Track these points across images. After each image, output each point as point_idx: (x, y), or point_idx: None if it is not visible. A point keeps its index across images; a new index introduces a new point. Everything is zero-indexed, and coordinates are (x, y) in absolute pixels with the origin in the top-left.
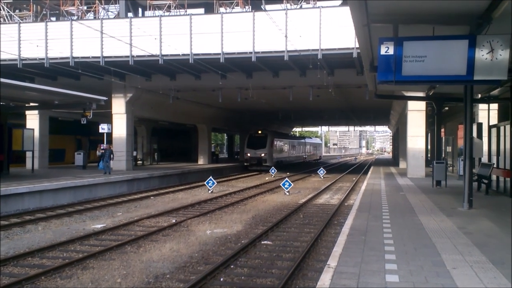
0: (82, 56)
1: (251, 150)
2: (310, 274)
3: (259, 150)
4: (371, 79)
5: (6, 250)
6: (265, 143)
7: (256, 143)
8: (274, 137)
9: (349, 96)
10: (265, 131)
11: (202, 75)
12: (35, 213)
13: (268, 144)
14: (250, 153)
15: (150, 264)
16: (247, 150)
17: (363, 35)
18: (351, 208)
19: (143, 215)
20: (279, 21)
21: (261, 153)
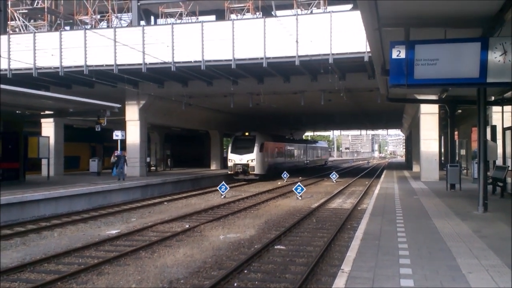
0: (96, 64)
1: (236, 156)
2: (324, 279)
3: (246, 155)
4: (383, 83)
5: (23, 256)
6: (253, 147)
7: (242, 147)
8: (264, 140)
9: (361, 100)
10: (253, 132)
11: (213, 81)
12: (51, 220)
13: (256, 148)
14: (234, 159)
15: (164, 270)
16: (231, 156)
17: (374, 39)
18: (364, 212)
19: (157, 220)
20: (289, 26)
21: (248, 159)
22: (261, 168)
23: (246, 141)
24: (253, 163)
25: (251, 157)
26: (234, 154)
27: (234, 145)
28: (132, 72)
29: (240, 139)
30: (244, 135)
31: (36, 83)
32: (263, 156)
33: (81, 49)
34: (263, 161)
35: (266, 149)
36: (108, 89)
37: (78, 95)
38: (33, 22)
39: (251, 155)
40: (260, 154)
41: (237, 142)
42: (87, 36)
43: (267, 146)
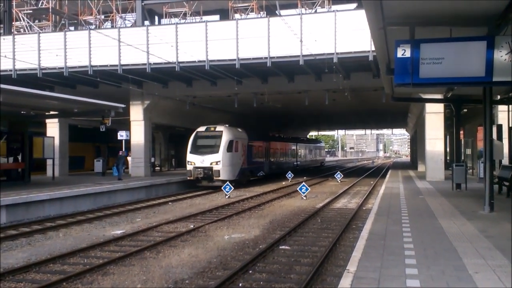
0: (100, 64)
1: (196, 157)
2: (329, 279)
3: (209, 156)
4: (387, 82)
5: (28, 256)
6: (219, 146)
7: (205, 146)
8: (236, 137)
9: (365, 99)
10: (220, 126)
11: (218, 81)
12: (56, 220)
13: (223, 146)
14: (194, 161)
15: (169, 270)
16: (190, 157)
17: (379, 38)
18: (369, 212)
19: (162, 220)
20: (294, 26)
21: (211, 161)
22: (230, 172)
23: (210, 139)
24: (218, 166)
25: (216, 159)
26: (194, 155)
27: (194, 143)
28: (136, 72)
29: (202, 136)
30: (208, 130)
31: (41, 84)
32: (232, 157)
33: (86, 49)
34: (233, 163)
35: (237, 149)
36: (112, 89)
37: (82, 95)
38: (37, 22)
39: (215, 156)
40: (228, 154)
41: (199, 140)
42: (92, 36)
43: (239, 144)
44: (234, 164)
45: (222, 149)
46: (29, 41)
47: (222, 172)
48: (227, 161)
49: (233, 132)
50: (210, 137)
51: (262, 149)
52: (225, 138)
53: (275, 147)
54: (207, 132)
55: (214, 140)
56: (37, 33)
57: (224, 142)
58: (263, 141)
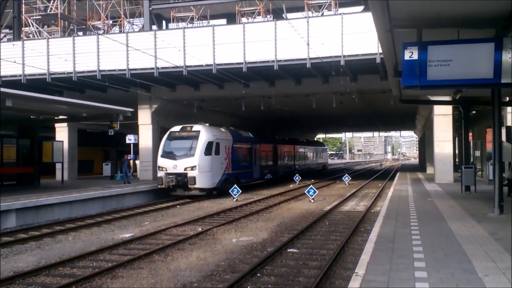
0: (108, 69)
1: (168, 162)
2: (337, 282)
3: (183, 160)
4: (395, 84)
5: (38, 260)
6: (195, 148)
7: (178, 149)
8: (217, 138)
9: (373, 101)
10: (197, 126)
11: (225, 84)
12: (65, 223)
13: (200, 149)
14: (166, 166)
15: (177, 273)
16: (161, 162)
17: (386, 41)
18: (378, 215)
19: (170, 224)
20: (300, 29)
21: (185, 166)
22: (209, 179)
23: (185, 140)
24: (193, 172)
25: (191, 163)
26: (165, 159)
27: (166, 145)
28: (144, 76)
29: (176, 137)
30: (183, 130)
31: (50, 88)
32: (212, 161)
33: (94, 54)
34: (213, 168)
35: (218, 151)
36: (120, 93)
37: (91, 100)
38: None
39: (191, 159)
40: (207, 158)
41: (172, 141)
42: (100, 41)
43: (220, 146)
44: (214, 170)
45: (198, 152)
46: (38, 47)
47: (199, 179)
48: (205, 166)
49: (213, 132)
50: (185, 138)
51: (251, 151)
52: (203, 139)
53: (267, 150)
54: (182, 132)
55: (190, 142)
56: (46, 39)
57: (201, 143)
58: (251, 142)
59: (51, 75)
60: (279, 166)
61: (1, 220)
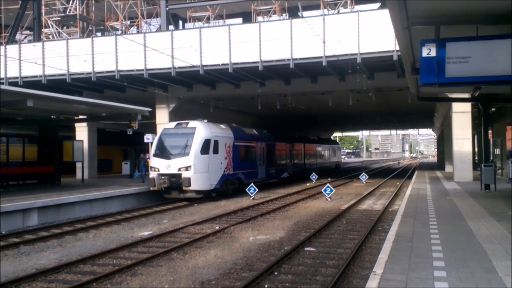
0: (126, 69)
1: (161, 161)
2: (355, 281)
3: (176, 159)
4: (413, 82)
5: (60, 257)
6: (190, 146)
7: (172, 147)
8: (214, 135)
9: (390, 99)
10: (193, 122)
11: (241, 83)
12: (86, 222)
13: (196, 147)
14: (159, 166)
15: (196, 271)
16: (154, 162)
17: (404, 38)
18: (396, 214)
19: (188, 222)
20: (316, 27)
21: (180, 166)
22: (206, 180)
23: (179, 137)
24: (188, 172)
25: (186, 163)
26: (158, 159)
27: (159, 143)
28: (161, 76)
29: (169, 134)
30: (178, 127)
31: (70, 89)
32: (210, 160)
33: (112, 55)
34: (211, 168)
35: (217, 150)
36: (138, 93)
37: (110, 100)
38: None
39: (185, 159)
40: (203, 157)
41: (165, 139)
42: (118, 41)
43: (219, 144)
44: (212, 170)
45: (194, 150)
46: (58, 47)
47: (194, 180)
48: (201, 166)
49: (211, 128)
50: (179, 135)
51: (255, 150)
52: (199, 136)
53: (274, 148)
54: (176, 129)
55: (185, 139)
56: (65, 40)
57: (197, 141)
58: (256, 140)
59: (71, 76)
60: (287, 166)
61: (24, 218)
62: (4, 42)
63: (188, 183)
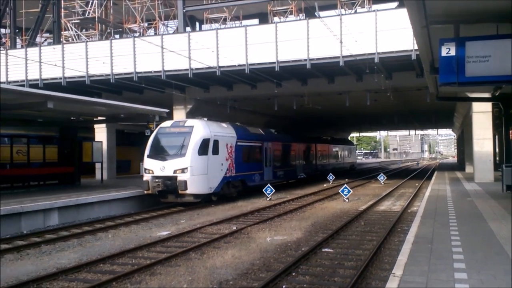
0: (144, 71)
1: (155, 163)
2: (374, 283)
3: (172, 161)
4: (432, 81)
5: (80, 257)
6: (187, 147)
7: (167, 147)
8: (214, 134)
9: (408, 99)
10: (191, 120)
11: (257, 84)
12: (105, 221)
13: (193, 148)
14: (153, 168)
15: (213, 271)
16: (148, 163)
17: (422, 37)
18: (415, 215)
19: (205, 222)
20: (333, 27)
21: (175, 168)
22: (204, 183)
23: (175, 137)
24: (184, 174)
25: (182, 165)
26: (152, 160)
27: (154, 144)
28: (178, 77)
29: (165, 133)
30: (174, 126)
31: (89, 90)
32: (209, 162)
33: (131, 57)
34: (210, 170)
35: (217, 150)
36: (156, 94)
37: (128, 101)
38: (84, 31)
39: (181, 160)
40: (201, 159)
41: (161, 139)
42: (136, 43)
43: (220, 144)
44: (212, 172)
45: (191, 151)
46: (77, 50)
47: (191, 184)
48: (198, 167)
49: (211, 127)
50: (175, 134)
51: (261, 150)
52: (197, 135)
53: (281, 149)
54: (172, 128)
55: (181, 139)
56: (84, 42)
57: (194, 141)
58: (262, 140)
59: (90, 78)
60: (297, 167)
61: (44, 218)
62: (25, 45)
63: (184, 187)
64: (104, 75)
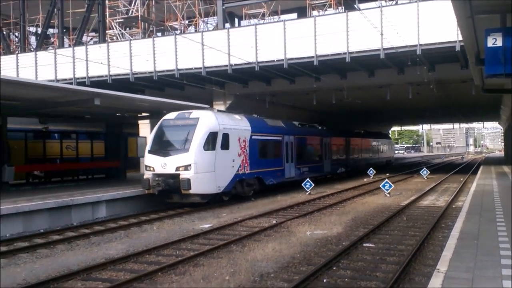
0: (185, 67)
1: (156, 159)
2: (417, 278)
3: (173, 157)
4: (477, 73)
5: (127, 248)
6: (190, 141)
7: (170, 142)
8: (223, 127)
9: (452, 92)
10: (197, 111)
11: (296, 78)
12: (149, 214)
13: (198, 141)
14: (153, 165)
15: (254, 263)
16: (148, 160)
17: (467, 28)
18: (460, 210)
19: (246, 216)
20: (373, 19)
21: (177, 165)
22: (211, 181)
23: (179, 130)
24: (188, 172)
25: (184, 161)
26: (153, 156)
27: (156, 138)
28: (218, 73)
29: (169, 126)
30: (179, 117)
31: (133, 88)
32: (216, 158)
33: (172, 54)
34: (219, 168)
35: (227, 145)
36: (197, 90)
37: (170, 98)
38: (128, 30)
39: (184, 156)
40: (207, 154)
41: (164, 132)
42: (177, 41)
43: (230, 138)
44: (220, 169)
45: (195, 145)
46: (121, 48)
47: (195, 182)
48: (204, 164)
49: (219, 119)
50: (179, 127)
51: (281, 145)
52: (203, 128)
53: (306, 143)
54: (177, 120)
55: (185, 133)
56: (128, 40)
57: (199, 134)
58: (282, 134)
59: (134, 75)
60: (324, 162)
61: (93, 210)
62: (72, 44)
63: (188, 186)
64: (147, 72)
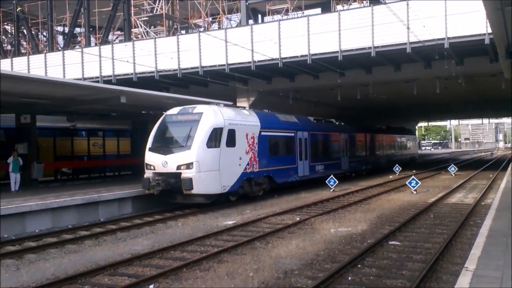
0: (209, 65)
1: (157, 157)
2: (444, 277)
3: (175, 154)
4: (507, 66)
5: (152, 244)
6: (193, 138)
7: (172, 139)
8: (229, 122)
9: (481, 86)
10: (201, 106)
11: (319, 74)
12: (174, 211)
13: (201, 138)
14: (154, 164)
15: (278, 260)
16: (149, 157)
17: (496, 20)
18: (489, 208)
19: (269, 212)
20: (399, 12)
21: (178, 163)
22: (215, 181)
23: (181, 126)
24: (190, 171)
25: (186, 159)
26: (154, 154)
27: (157, 135)
28: (241, 70)
29: (171, 122)
30: (182, 113)
31: (158, 85)
32: (220, 156)
33: (196, 51)
34: (223, 166)
35: (233, 142)
36: (220, 87)
37: (194, 95)
38: (153, 28)
39: (185, 154)
40: (211, 152)
41: (165, 129)
42: (201, 38)
43: (237, 135)
44: (225, 168)
45: (198, 142)
46: (146, 46)
47: (198, 182)
48: (207, 162)
49: (225, 115)
50: (182, 123)
51: (293, 141)
52: (206, 124)
53: (321, 139)
54: (179, 115)
55: (187, 129)
56: (153, 38)
57: (202, 131)
58: (294, 130)
59: (159, 73)
60: (341, 160)
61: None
62: (98, 43)
63: (189, 186)
64: (172, 70)
